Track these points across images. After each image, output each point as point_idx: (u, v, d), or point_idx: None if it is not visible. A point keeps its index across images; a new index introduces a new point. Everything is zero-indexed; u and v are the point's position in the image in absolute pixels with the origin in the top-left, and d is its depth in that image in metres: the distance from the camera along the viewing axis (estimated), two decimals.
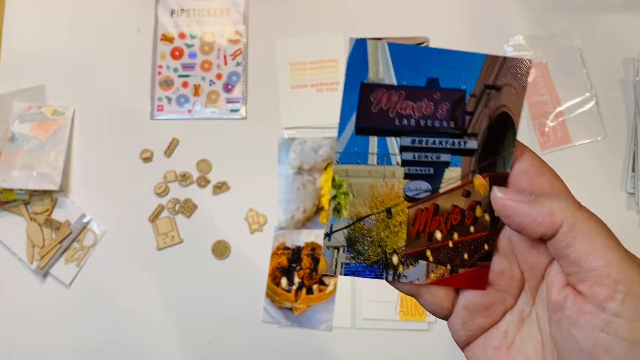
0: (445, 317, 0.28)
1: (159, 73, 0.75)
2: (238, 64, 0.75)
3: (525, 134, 0.72)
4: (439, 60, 0.26)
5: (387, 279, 0.28)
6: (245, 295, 0.69)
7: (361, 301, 0.68)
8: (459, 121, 0.26)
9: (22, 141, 0.71)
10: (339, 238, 0.27)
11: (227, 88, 0.75)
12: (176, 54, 0.76)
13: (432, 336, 0.67)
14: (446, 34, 0.75)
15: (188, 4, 0.77)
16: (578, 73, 0.72)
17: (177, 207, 0.71)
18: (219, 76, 0.75)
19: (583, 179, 0.70)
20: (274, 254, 0.69)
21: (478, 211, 0.27)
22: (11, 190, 0.70)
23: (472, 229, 0.27)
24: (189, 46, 0.76)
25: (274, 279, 0.69)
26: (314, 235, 0.69)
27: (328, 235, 0.27)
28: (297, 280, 0.68)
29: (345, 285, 0.68)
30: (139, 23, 0.77)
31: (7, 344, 0.69)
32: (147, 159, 0.73)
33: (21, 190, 0.70)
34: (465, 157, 0.27)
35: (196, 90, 0.75)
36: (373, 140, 0.27)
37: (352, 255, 0.27)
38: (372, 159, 0.27)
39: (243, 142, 0.73)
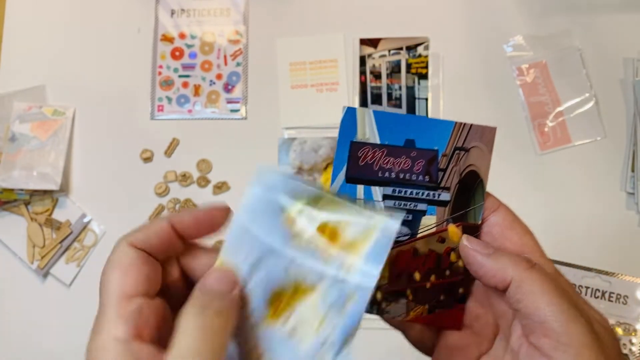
0: (429, 354, 0.31)
1: (159, 73, 0.75)
2: (238, 64, 0.75)
3: (525, 134, 0.72)
4: (415, 124, 0.30)
5: (372, 313, 0.30)
6: None
7: None
8: (433, 176, 0.30)
9: (22, 141, 0.71)
10: None
11: (227, 88, 0.75)
12: (176, 54, 0.76)
13: None
14: (446, 34, 0.75)
15: (188, 4, 0.77)
16: (578, 73, 0.73)
17: (177, 207, 0.72)
18: (219, 76, 0.75)
19: (583, 179, 0.70)
20: None
21: (452, 256, 0.30)
22: (11, 190, 0.70)
23: (447, 272, 0.30)
24: (189, 46, 0.76)
25: None
26: None
27: None
28: None
29: None
30: (139, 23, 0.77)
31: (7, 344, 0.69)
32: (147, 159, 0.73)
33: (21, 190, 0.70)
34: (440, 207, 0.30)
35: (196, 90, 0.75)
36: (360, 189, 0.31)
37: None
38: (360, 204, 0.29)
39: (243, 142, 0.73)
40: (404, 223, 0.30)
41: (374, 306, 0.30)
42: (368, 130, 0.30)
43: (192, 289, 0.25)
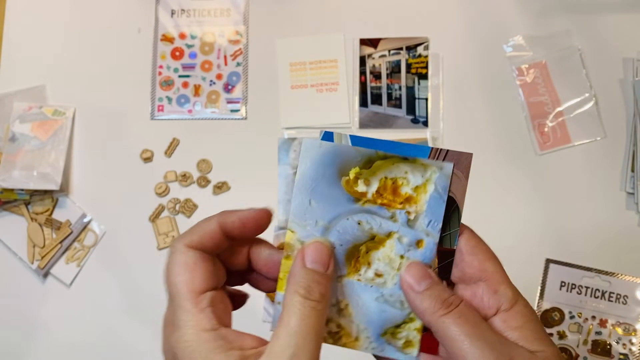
0: None
1: (160, 73, 0.75)
2: (238, 64, 0.76)
3: (524, 134, 0.72)
4: (391, 150, 0.30)
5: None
6: None
7: None
8: None
9: (22, 141, 0.71)
10: None
11: (227, 88, 0.75)
12: (176, 54, 0.76)
13: None
14: (446, 34, 0.75)
15: (188, 4, 0.77)
16: (577, 73, 0.73)
17: (177, 207, 0.72)
18: (219, 76, 0.75)
19: (582, 179, 0.70)
20: None
21: None
22: (12, 190, 0.70)
23: None
24: (189, 46, 0.76)
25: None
26: None
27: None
28: None
29: None
30: (140, 23, 0.77)
31: (7, 344, 0.69)
32: (147, 159, 0.73)
33: (22, 190, 0.70)
34: None
35: (196, 90, 0.75)
36: None
37: None
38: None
39: (243, 142, 0.73)
40: None
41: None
42: None
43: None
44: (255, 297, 0.73)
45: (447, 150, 0.30)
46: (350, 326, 0.31)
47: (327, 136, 0.31)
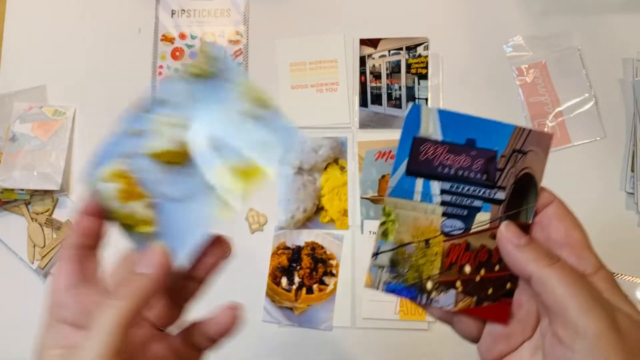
0: (474, 342, 0.33)
1: (160, 73, 0.76)
2: (238, 65, 0.76)
3: None
4: (477, 125, 0.32)
5: (421, 302, 0.32)
6: (245, 295, 0.69)
7: (361, 301, 0.68)
8: (491, 175, 0.32)
9: (23, 141, 0.71)
10: (384, 259, 0.32)
11: None
12: (177, 54, 0.76)
13: (432, 335, 0.67)
14: (446, 35, 0.75)
15: (188, 4, 0.77)
16: (577, 73, 0.73)
17: None
18: None
19: (582, 179, 0.70)
20: (274, 253, 0.70)
21: None
22: (12, 190, 0.70)
23: (497, 267, 0.32)
24: (189, 47, 0.76)
25: (274, 278, 0.69)
26: (314, 235, 0.70)
27: (375, 255, 0.32)
28: (297, 279, 0.68)
29: (345, 285, 0.68)
30: (140, 23, 0.77)
31: (8, 344, 0.69)
32: None
33: (22, 190, 0.70)
34: (495, 205, 0.32)
35: None
36: (419, 182, 0.32)
37: (394, 275, 0.32)
38: (417, 196, 0.32)
39: None
40: (459, 218, 0.32)
41: (424, 295, 0.32)
42: (431, 128, 0.32)
43: None
44: (256, 297, 0.74)
45: (530, 130, 0.31)
46: None
47: (415, 109, 0.32)
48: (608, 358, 0.26)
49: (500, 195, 0.32)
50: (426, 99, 0.73)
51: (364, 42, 0.75)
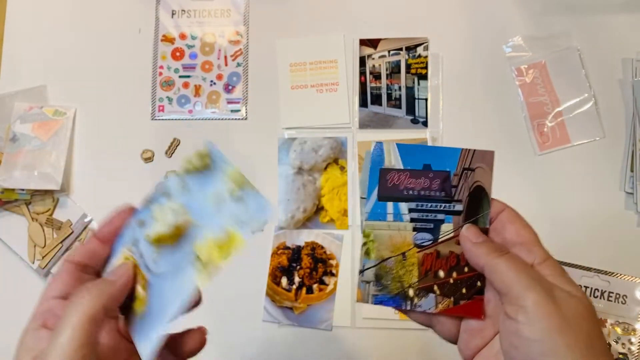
0: (455, 342, 0.37)
1: (160, 74, 0.76)
2: (238, 65, 0.76)
3: (524, 134, 0.72)
4: (430, 152, 0.38)
5: (406, 309, 0.37)
6: (245, 295, 0.69)
7: None
8: (448, 192, 0.37)
9: (23, 141, 0.71)
10: (370, 274, 0.37)
11: (228, 88, 0.75)
12: (177, 54, 0.76)
13: (432, 335, 0.67)
14: (446, 35, 0.75)
15: (189, 4, 0.78)
16: (577, 73, 0.73)
17: None
18: (219, 77, 0.75)
19: (582, 179, 0.71)
20: (274, 253, 0.70)
21: None
22: (13, 190, 0.70)
23: (466, 269, 0.37)
24: (189, 47, 0.76)
25: (274, 278, 0.69)
26: (314, 235, 0.70)
27: (362, 272, 0.37)
28: (297, 279, 0.68)
29: (345, 285, 0.68)
30: (140, 24, 0.77)
31: (8, 344, 0.69)
32: (148, 159, 0.73)
33: (22, 190, 0.70)
34: (455, 216, 0.37)
35: (197, 90, 0.75)
36: (390, 205, 0.38)
37: (379, 288, 0.37)
38: (390, 217, 0.38)
39: (243, 143, 0.74)
40: (427, 231, 0.37)
41: (408, 302, 0.37)
42: (393, 159, 0.38)
43: None
44: (256, 296, 0.74)
45: (474, 150, 0.38)
46: None
47: (378, 146, 0.38)
48: (545, 324, 0.30)
49: (459, 207, 0.37)
50: (426, 99, 0.73)
51: (363, 42, 0.75)
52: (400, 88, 0.74)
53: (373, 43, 0.75)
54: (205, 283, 0.33)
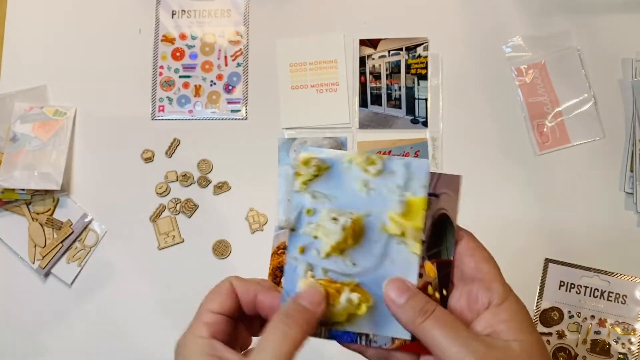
0: None
1: (160, 74, 0.76)
2: (238, 65, 0.76)
3: (524, 134, 0.72)
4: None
5: (361, 344, 0.33)
6: None
7: None
8: None
9: (23, 141, 0.72)
10: None
11: (228, 89, 0.75)
12: (177, 54, 0.76)
13: None
14: (445, 35, 0.75)
15: (189, 5, 0.78)
16: (577, 73, 0.73)
17: (178, 206, 0.72)
18: (219, 77, 0.75)
19: (582, 179, 0.71)
20: (275, 253, 0.70)
21: (429, 289, 0.33)
22: (13, 190, 0.70)
23: None
24: (189, 47, 0.76)
25: (275, 278, 0.69)
26: None
27: None
28: None
29: None
30: (140, 24, 0.77)
31: (8, 344, 0.69)
32: (148, 159, 0.73)
33: (23, 190, 0.70)
34: None
35: (197, 90, 0.75)
36: None
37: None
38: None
39: (243, 143, 0.74)
40: None
41: (362, 337, 0.33)
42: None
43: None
44: None
45: (440, 174, 0.34)
46: None
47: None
48: None
49: (421, 237, 0.34)
50: (426, 99, 0.73)
51: (363, 42, 0.75)
52: (400, 88, 0.74)
53: (373, 43, 0.75)
54: (418, 248, 0.33)
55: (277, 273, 0.69)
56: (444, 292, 0.33)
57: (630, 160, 0.70)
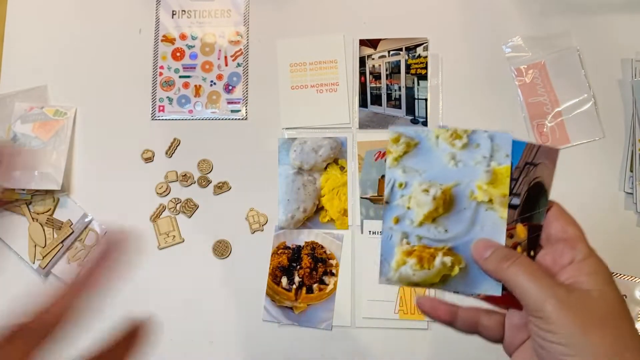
0: (500, 341, 0.38)
1: (160, 74, 0.76)
2: (238, 65, 0.76)
3: (523, 134, 0.72)
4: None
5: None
6: (245, 295, 0.69)
7: (361, 300, 0.68)
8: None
9: (24, 141, 0.72)
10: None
11: (228, 89, 0.75)
12: (177, 55, 0.76)
13: (431, 335, 0.67)
14: (445, 35, 0.75)
15: (189, 5, 0.78)
16: (576, 74, 0.73)
17: (178, 206, 0.72)
18: (219, 77, 0.76)
19: (581, 179, 0.71)
20: (275, 253, 0.70)
21: (519, 249, 0.37)
22: (13, 190, 0.70)
23: None
24: (189, 47, 0.77)
25: (275, 278, 0.69)
26: (314, 235, 0.70)
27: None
28: (297, 279, 0.68)
29: (345, 285, 0.69)
30: (140, 24, 0.77)
31: None
32: (148, 159, 0.73)
33: (23, 190, 0.70)
34: (511, 210, 0.37)
35: (197, 91, 0.75)
36: None
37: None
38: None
39: (244, 143, 0.74)
40: None
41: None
42: None
43: None
44: (256, 296, 0.74)
45: (540, 145, 0.38)
46: None
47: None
48: (567, 330, 0.31)
49: (516, 200, 0.37)
50: (426, 99, 0.73)
51: (363, 42, 0.75)
52: (400, 88, 0.74)
53: (373, 43, 0.75)
54: (506, 213, 0.36)
55: (277, 273, 0.69)
56: (532, 253, 0.37)
57: (630, 160, 0.70)
